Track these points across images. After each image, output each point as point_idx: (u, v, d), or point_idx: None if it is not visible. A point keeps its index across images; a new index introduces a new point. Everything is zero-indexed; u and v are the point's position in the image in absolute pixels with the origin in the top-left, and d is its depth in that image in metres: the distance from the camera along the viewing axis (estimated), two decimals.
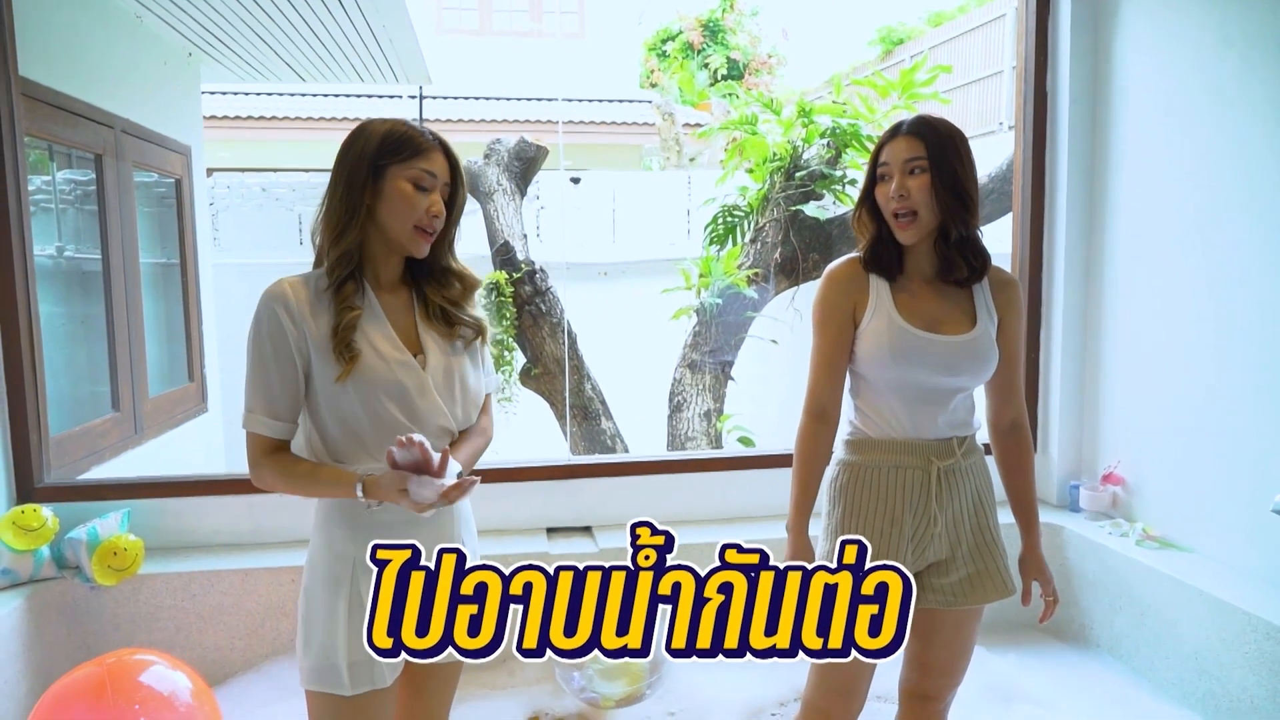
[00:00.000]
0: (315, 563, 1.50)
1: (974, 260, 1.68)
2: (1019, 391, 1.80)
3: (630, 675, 2.40)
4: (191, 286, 4.63)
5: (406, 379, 1.45)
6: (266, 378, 1.43)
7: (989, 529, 1.74)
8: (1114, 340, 2.91)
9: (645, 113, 9.94)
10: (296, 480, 1.45)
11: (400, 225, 1.45)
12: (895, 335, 1.64)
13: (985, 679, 2.55)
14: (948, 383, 1.66)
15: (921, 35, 10.81)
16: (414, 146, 1.46)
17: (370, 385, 1.43)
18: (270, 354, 1.43)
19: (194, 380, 4.64)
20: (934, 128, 1.62)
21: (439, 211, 1.48)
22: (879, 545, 1.67)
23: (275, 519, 2.77)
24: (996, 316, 1.72)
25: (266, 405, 1.44)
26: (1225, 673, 2.28)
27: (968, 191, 1.62)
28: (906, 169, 1.61)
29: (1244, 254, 2.41)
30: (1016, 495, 1.80)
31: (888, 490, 1.69)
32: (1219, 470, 2.52)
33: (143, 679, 2.01)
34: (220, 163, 7.64)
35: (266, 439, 1.45)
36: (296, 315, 1.43)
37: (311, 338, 1.43)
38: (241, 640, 2.60)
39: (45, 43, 3.22)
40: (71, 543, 2.45)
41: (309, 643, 1.46)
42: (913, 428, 1.68)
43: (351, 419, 1.44)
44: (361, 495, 1.39)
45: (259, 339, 1.43)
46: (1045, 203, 3.06)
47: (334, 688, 1.44)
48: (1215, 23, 2.48)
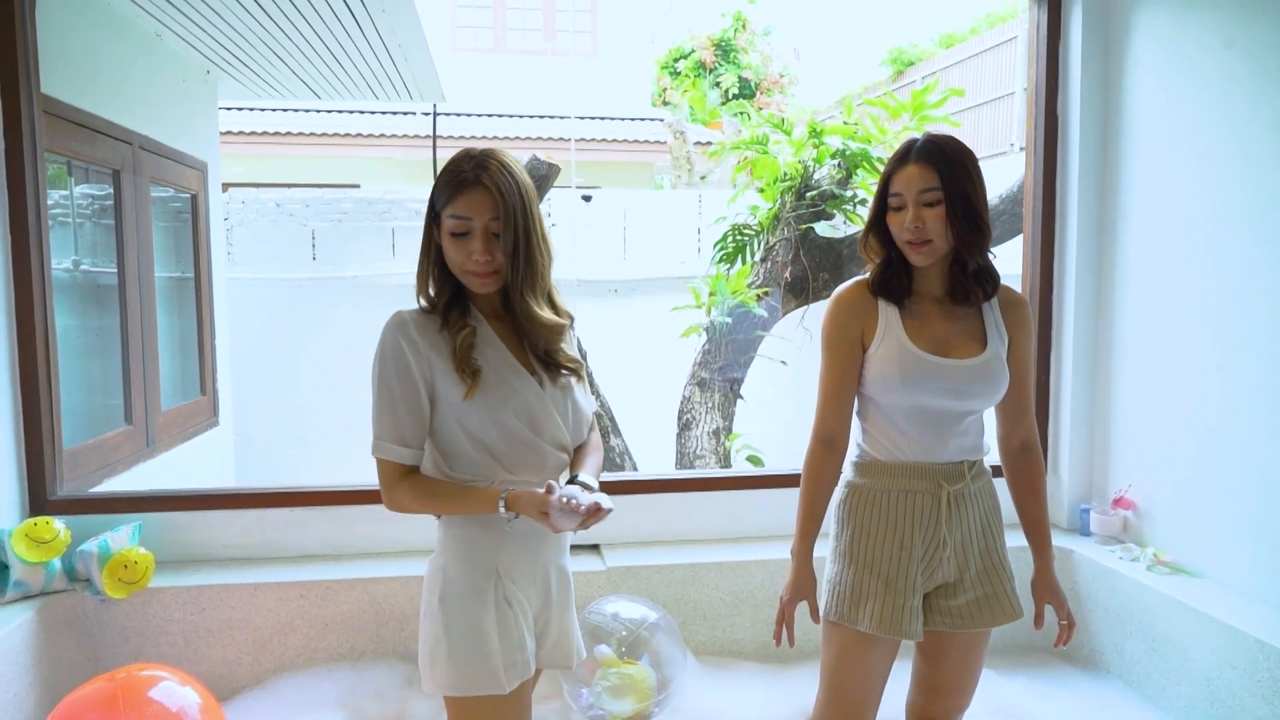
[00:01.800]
0: (450, 573, 1.54)
1: (986, 283, 1.68)
2: (1029, 412, 1.78)
3: (638, 693, 2.39)
4: (205, 301, 4.67)
5: (530, 396, 1.52)
6: (393, 406, 1.48)
7: (997, 552, 1.74)
8: (1125, 363, 2.90)
9: (657, 131, 10.00)
10: (437, 499, 1.51)
11: (456, 270, 1.49)
12: (905, 359, 1.63)
13: (994, 702, 2.53)
14: (958, 406, 1.66)
15: (933, 57, 10.85)
16: (451, 188, 1.45)
17: (498, 401, 1.48)
18: (395, 382, 1.48)
19: (206, 394, 4.67)
20: (945, 154, 1.60)
21: (482, 257, 1.45)
22: (889, 569, 1.67)
23: (284, 534, 2.78)
24: (1007, 337, 1.71)
25: (394, 433, 1.49)
26: (1237, 700, 2.26)
27: (981, 217, 1.61)
28: (921, 200, 1.59)
29: (1255, 276, 2.40)
30: (1029, 517, 1.78)
31: (898, 514, 1.68)
32: (1230, 495, 2.50)
33: (153, 694, 2.01)
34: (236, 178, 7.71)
35: (396, 465, 1.51)
36: (418, 341, 1.48)
37: (434, 361, 1.48)
38: (249, 655, 2.60)
39: (66, 60, 3.27)
40: (83, 555, 2.46)
41: (455, 652, 1.49)
42: (922, 451, 1.67)
43: (482, 434, 1.49)
44: (504, 510, 1.45)
45: (384, 368, 1.48)
46: (1056, 225, 3.06)
47: (492, 689, 1.49)
48: (1225, 46, 2.49)
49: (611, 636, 2.45)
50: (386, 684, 2.55)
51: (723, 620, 2.80)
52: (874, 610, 1.66)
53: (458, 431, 1.50)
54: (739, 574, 2.79)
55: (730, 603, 2.80)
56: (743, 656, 2.80)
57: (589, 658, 2.37)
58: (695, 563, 2.79)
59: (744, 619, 2.81)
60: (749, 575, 2.79)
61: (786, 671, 2.70)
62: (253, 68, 4.66)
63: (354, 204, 6.95)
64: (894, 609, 1.66)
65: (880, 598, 1.66)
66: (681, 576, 2.77)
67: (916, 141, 1.63)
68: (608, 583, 2.71)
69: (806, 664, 2.73)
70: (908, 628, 1.66)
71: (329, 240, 6.84)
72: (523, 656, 1.53)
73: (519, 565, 1.56)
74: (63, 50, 3.24)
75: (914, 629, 1.67)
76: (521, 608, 1.55)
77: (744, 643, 2.81)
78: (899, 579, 1.67)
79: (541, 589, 1.61)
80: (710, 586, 2.79)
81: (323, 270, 6.79)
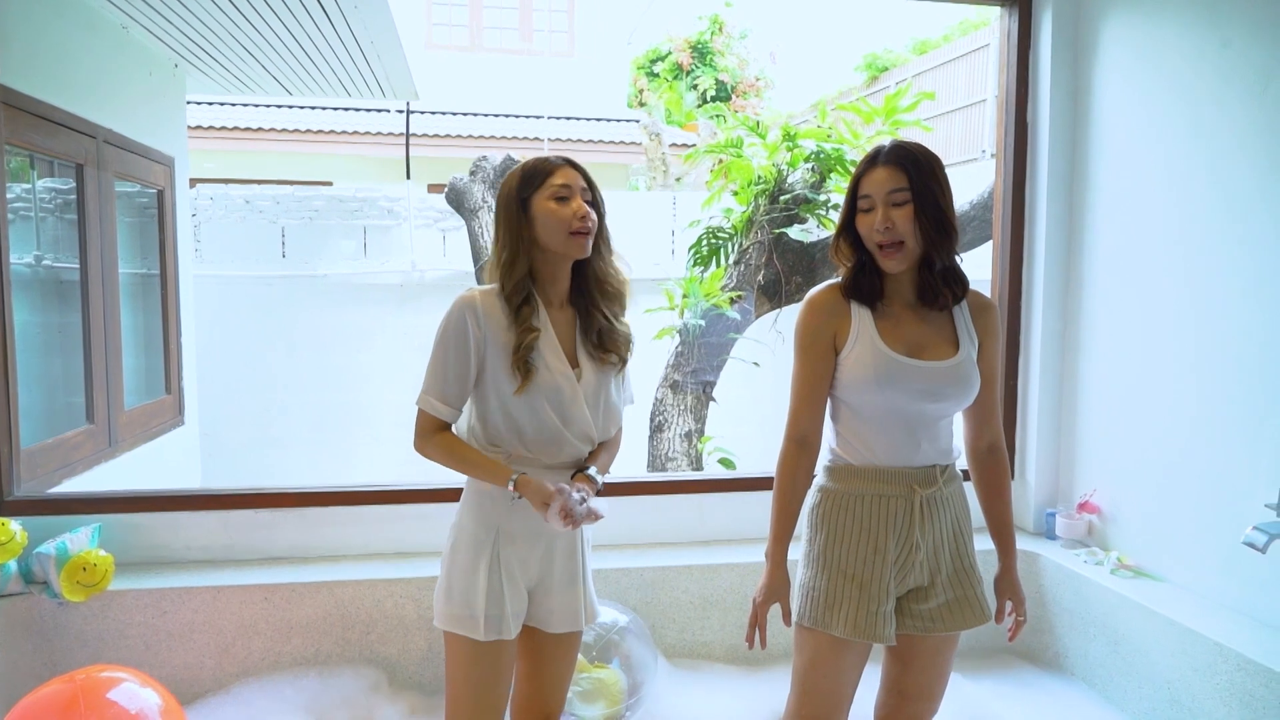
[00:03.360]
0: (463, 526, 1.76)
1: (955, 286, 1.69)
2: (996, 415, 1.81)
3: (609, 697, 2.38)
4: (171, 298, 4.59)
5: (565, 387, 1.71)
6: (445, 369, 1.69)
7: (967, 555, 1.75)
8: (1092, 369, 2.94)
9: (632, 132, 9.99)
10: (459, 460, 1.71)
11: (557, 238, 1.69)
12: (879, 361, 1.64)
13: (961, 706, 2.55)
14: (931, 409, 1.67)
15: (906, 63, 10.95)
16: (544, 172, 1.71)
17: (537, 393, 1.68)
18: (452, 350, 1.68)
19: (171, 393, 4.59)
20: (914, 157, 1.62)
21: (584, 212, 1.70)
22: (863, 573, 1.67)
23: (249, 536, 2.74)
24: (977, 340, 1.72)
25: (440, 391, 1.70)
26: (1197, 703, 2.29)
27: (948, 219, 1.63)
28: (889, 200, 1.61)
29: (1222, 282, 2.44)
30: (995, 519, 1.81)
31: (871, 519, 1.68)
32: (1193, 501, 2.54)
33: (113, 696, 1.97)
34: (205, 173, 7.60)
35: (433, 418, 1.72)
36: (483, 322, 1.68)
37: (493, 345, 1.68)
38: (212, 659, 2.56)
39: (28, 51, 3.20)
40: (40, 557, 2.41)
41: (450, 591, 1.73)
42: (895, 455, 1.68)
43: (518, 418, 1.70)
44: (512, 490, 1.66)
45: (445, 335, 1.69)
46: (1025, 231, 3.10)
47: (470, 632, 1.71)
48: (1195, 53, 2.53)
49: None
50: (353, 689, 2.52)
51: (693, 623, 2.80)
52: (848, 615, 1.66)
53: (497, 408, 1.70)
54: (710, 577, 2.79)
55: (701, 606, 2.79)
56: (713, 659, 2.80)
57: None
58: (666, 566, 2.78)
59: (714, 622, 2.81)
60: (720, 578, 2.79)
61: (757, 674, 2.71)
62: (222, 62, 4.60)
63: (325, 201, 6.88)
64: (868, 614, 1.66)
65: (854, 602, 1.67)
66: (652, 579, 2.76)
67: (884, 146, 1.65)
68: None
69: (777, 666, 2.73)
70: (882, 632, 1.67)
71: (299, 238, 6.77)
72: (503, 613, 1.71)
73: (521, 531, 1.74)
74: (24, 41, 3.17)
75: (887, 633, 1.68)
76: (514, 570, 1.74)
77: (714, 645, 2.81)
78: (873, 583, 1.67)
79: (544, 556, 1.77)
80: (681, 590, 2.78)
81: (293, 268, 6.72)
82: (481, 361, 1.69)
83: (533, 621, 1.81)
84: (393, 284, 6.81)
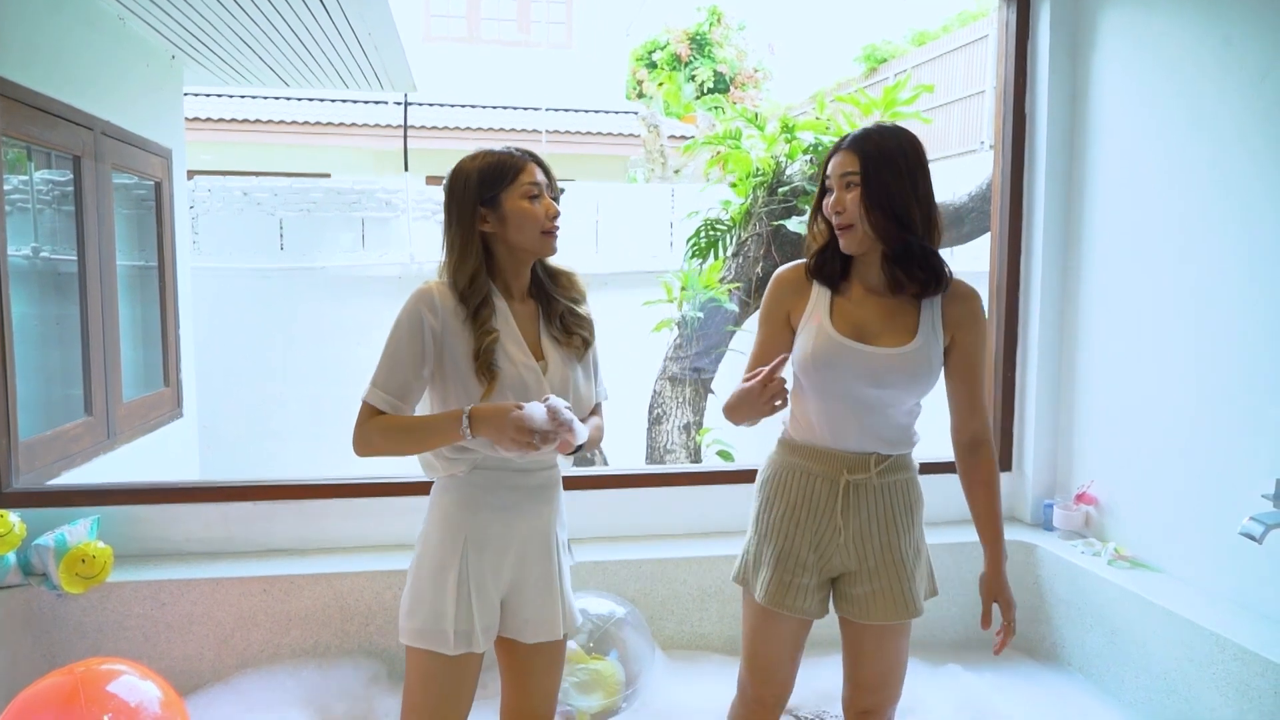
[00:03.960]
0: (429, 536, 1.67)
1: (925, 275, 1.65)
2: (981, 407, 1.76)
3: (606, 688, 2.39)
4: (169, 290, 4.59)
5: (530, 380, 1.64)
6: (395, 363, 1.61)
7: (898, 549, 1.72)
8: (1089, 360, 2.94)
9: (630, 124, 9.97)
10: (402, 432, 1.60)
11: (529, 237, 1.64)
12: (821, 341, 1.67)
13: (960, 697, 2.56)
14: (875, 395, 1.66)
15: (905, 54, 10.93)
16: (514, 168, 1.65)
17: (505, 392, 1.61)
18: (405, 345, 1.60)
19: (169, 385, 4.59)
20: (874, 143, 1.63)
21: (555, 211, 1.67)
22: (781, 544, 1.74)
23: (248, 528, 2.75)
24: (946, 333, 1.70)
25: (385, 383, 1.61)
26: (1194, 693, 2.30)
27: (902, 207, 1.61)
28: (843, 183, 1.66)
29: (1220, 274, 2.44)
30: (978, 512, 1.77)
31: (797, 493, 1.74)
32: (1190, 492, 2.55)
33: (113, 688, 1.97)
34: (202, 165, 7.59)
35: (373, 408, 1.61)
36: (440, 317, 1.61)
37: (451, 340, 1.61)
38: (211, 651, 2.56)
39: (25, 43, 3.18)
40: (39, 549, 2.41)
41: (417, 606, 1.64)
42: (831, 437, 1.71)
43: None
44: (467, 427, 1.53)
45: (398, 330, 1.61)
46: (1023, 222, 3.09)
47: (438, 646, 1.62)
48: (1193, 45, 2.52)
49: (579, 632, 2.45)
50: (352, 681, 2.53)
51: (691, 615, 2.81)
52: (764, 580, 1.74)
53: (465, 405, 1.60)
54: (707, 569, 2.79)
55: (698, 597, 2.80)
56: (711, 650, 2.81)
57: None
58: (664, 558, 2.79)
59: (712, 613, 2.82)
60: (717, 570, 2.79)
61: None
62: (219, 54, 4.58)
63: (323, 193, 6.86)
64: (780, 583, 1.72)
65: (770, 569, 1.73)
66: (650, 571, 2.77)
67: (853, 132, 1.70)
68: (576, 578, 2.69)
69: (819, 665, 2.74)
70: (794, 603, 1.71)
71: (297, 230, 6.75)
72: (472, 628, 1.62)
73: (490, 539, 1.65)
74: (21, 33, 3.16)
75: (803, 606, 1.72)
76: (485, 581, 1.65)
77: (712, 637, 2.82)
78: (789, 556, 1.72)
79: (516, 563, 1.69)
80: (679, 581, 2.79)
81: (291, 260, 6.71)
82: (440, 356, 1.61)
83: (508, 633, 1.72)
84: (391, 276, 6.80)
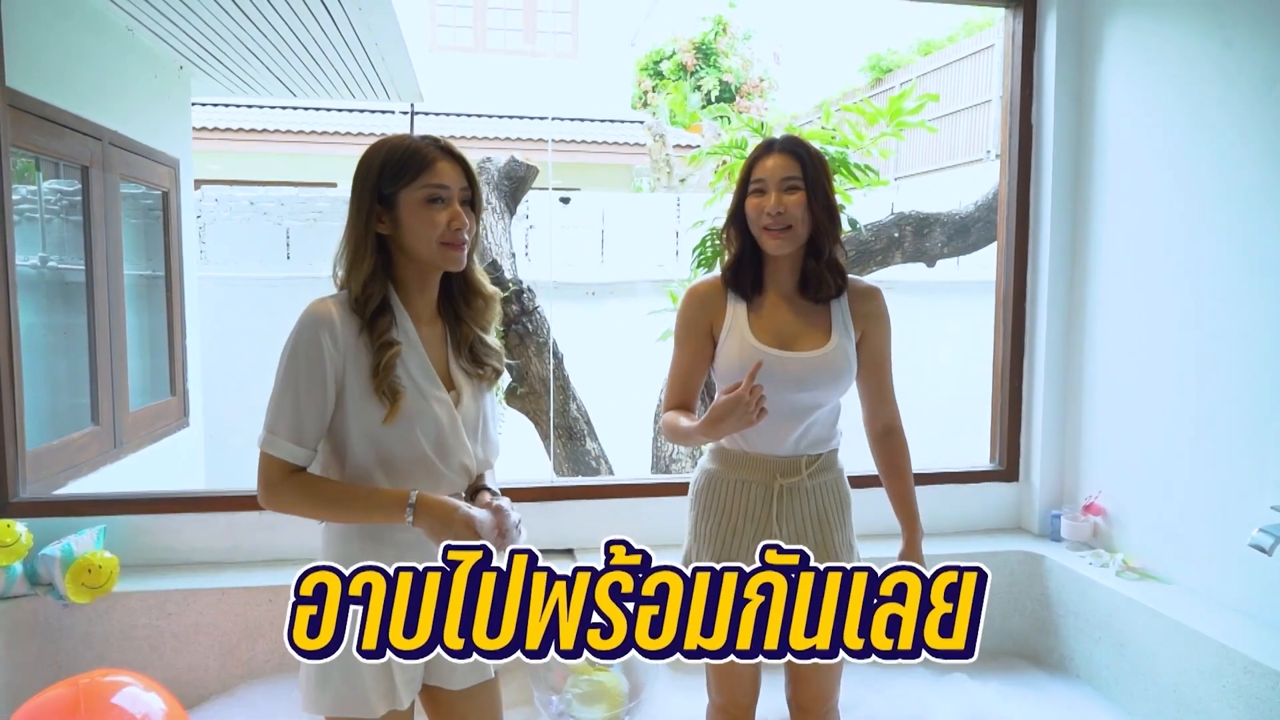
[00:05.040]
0: None
1: (836, 278, 1.75)
2: (891, 398, 1.85)
3: (610, 699, 2.38)
4: (176, 299, 4.61)
5: (442, 415, 1.44)
6: (296, 402, 1.38)
7: (832, 546, 1.79)
8: (1096, 370, 2.93)
9: (636, 133, 10.00)
10: (327, 503, 1.40)
11: (425, 246, 1.41)
12: (747, 353, 1.70)
13: (966, 707, 2.55)
14: (801, 399, 1.71)
15: (911, 63, 10.94)
16: (417, 164, 1.39)
17: (409, 421, 1.41)
18: (304, 378, 1.37)
19: (176, 394, 4.61)
20: (807, 148, 1.71)
21: (461, 223, 1.41)
22: (720, 551, 1.77)
23: (254, 537, 2.74)
24: (856, 331, 1.77)
25: (292, 430, 1.38)
26: (1203, 705, 2.29)
27: (836, 209, 1.72)
28: (782, 186, 1.68)
29: (1227, 284, 2.44)
30: (895, 496, 1.86)
31: (732, 501, 1.76)
32: (1199, 503, 2.53)
33: (117, 700, 1.97)
34: (209, 175, 7.62)
35: (285, 463, 1.39)
36: (340, 341, 1.38)
37: (352, 366, 1.39)
38: (216, 661, 2.56)
39: (34, 54, 3.21)
40: (45, 559, 2.41)
41: (328, 673, 1.41)
42: (762, 443, 1.74)
43: (387, 452, 1.42)
44: (411, 519, 1.37)
45: (294, 360, 1.38)
46: (1030, 232, 3.09)
47: (361, 712, 1.42)
48: (1199, 55, 2.52)
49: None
50: None
51: None
52: None
53: (361, 440, 1.41)
54: None
55: None
56: None
57: (559, 665, 2.36)
58: None
59: None
60: None
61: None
62: (227, 64, 4.61)
63: (329, 203, 6.88)
64: None
65: None
66: None
67: (776, 138, 1.74)
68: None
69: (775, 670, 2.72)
70: None
71: (304, 239, 6.78)
72: (392, 682, 1.44)
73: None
74: (29, 44, 3.18)
75: None
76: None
77: None
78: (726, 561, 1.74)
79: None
80: None
81: (297, 270, 6.73)
82: (341, 389, 1.39)
83: (433, 680, 1.53)
84: None
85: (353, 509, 1.41)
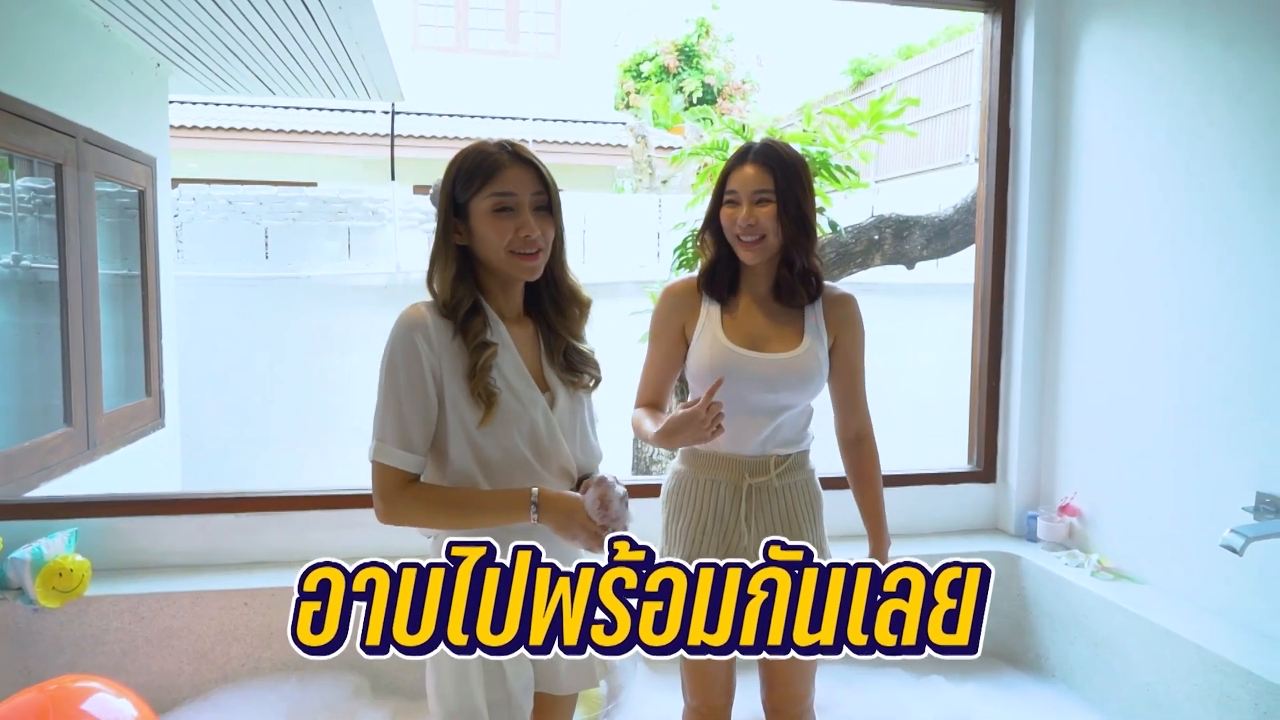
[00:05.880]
0: None
1: (810, 284, 1.76)
2: (862, 405, 1.86)
3: (588, 702, 2.37)
4: (152, 299, 4.55)
5: (539, 418, 1.44)
6: (400, 407, 1.38)
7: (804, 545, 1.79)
8: (1072, 372, 2.96)
9: (618, 134, 9.99)
10: (445, 509, 1.40)
11: (496, 255, 1.40)
12: (718, 353, 1.71)
13: (943, 708, 2.56)
14: (771, 400, 1.72)
15: (892, 67, 11.01)
16: (485, 172, 1.39)
17: (505, 422, 1.41)
18: (405, 384, 1.38)
19: (151, 395, 4.55)
20: (781, 159, 1.69)
21: (529, 231, 1.40)
22: (691, 552, 1.77)
23: (229, 540, 2.72)
24: (829, 336, 1.78)
25: (399, 436, 1.38)
26: (1177, 705, 2.31)
27: (809, 220, 1.71)
28: (754, 199, 1.68)
29: (1205, 286, 2.46)
30: (864, 504, 1.87)
31: (701, 501, 1.77)
32: (1173, 504, 2.56)
33: (86, 707, 1.94)
34: (187, 173, 7.54)
35: (399, 472, 1.39)
36: (436, 344, 1.38)
37: (447, 371, 1.39)
38: (190, 665, 2.53)
39: (7, 50, 3.16)
40: (14, 563, 2.38)
41: (442, 687, 1.42)
42: (732, 444, 1.75)
43: (487, 454, 1.42)
44: (536, 516, 1.38)
45: (393, 368, 1.38)
46: (1007, 235, 3.11)
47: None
48: (1177, 60, 2.55)
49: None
50: (334, 695, 2.50)
51: None
52: None
53: (461, 443, 1.41)
54: None
55: None
56: None
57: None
58: None
59: None
60: None
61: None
62: (205, 62, 4.56)
63: (309, 202, 6.83)
64: None
65: None
66: None
67: (755, 145, 1.73)
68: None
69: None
70: None
71: (282, 239, 6.72)
72: (509, 694, 1.43)
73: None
74: (3, 39, 3.13)
75: None
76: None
77: None
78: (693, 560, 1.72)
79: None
80: None
81: (276, 269, 6.67)
82: (441, 392, 1.39)
83: (539, 687, 1.53)
84: (377, 285, 6.78)
85: (475, 513, 1.40)
